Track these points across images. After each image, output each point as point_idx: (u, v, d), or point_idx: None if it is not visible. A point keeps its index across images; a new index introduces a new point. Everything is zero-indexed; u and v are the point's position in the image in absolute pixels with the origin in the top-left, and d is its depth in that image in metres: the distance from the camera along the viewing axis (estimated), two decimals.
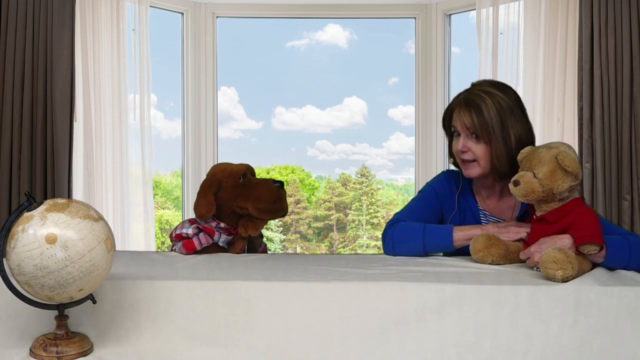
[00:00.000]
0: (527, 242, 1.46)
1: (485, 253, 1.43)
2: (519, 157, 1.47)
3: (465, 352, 1.15)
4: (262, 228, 1.62)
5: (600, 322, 1.16)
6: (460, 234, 1.54)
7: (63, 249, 0.98)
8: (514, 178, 1.41)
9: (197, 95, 3.57)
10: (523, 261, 1.42)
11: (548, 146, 1.41)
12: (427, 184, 1.78)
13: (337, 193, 13.50)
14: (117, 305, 1.19)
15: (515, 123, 1.58)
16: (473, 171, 1.62)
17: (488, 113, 1.55)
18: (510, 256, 1.44)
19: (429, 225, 1.59)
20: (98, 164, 3.01)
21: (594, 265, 1.37)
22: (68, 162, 2.74)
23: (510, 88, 1.64)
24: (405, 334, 1.16)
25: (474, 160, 1.61)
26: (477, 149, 1.59)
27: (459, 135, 1.62)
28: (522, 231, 1.49)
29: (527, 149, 1.46)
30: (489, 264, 1.43)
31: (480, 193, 1.72)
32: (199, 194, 1.58)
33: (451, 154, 1.71)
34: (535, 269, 1.35)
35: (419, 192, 1.78)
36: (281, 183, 1.59)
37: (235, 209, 1.58)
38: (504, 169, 1.57)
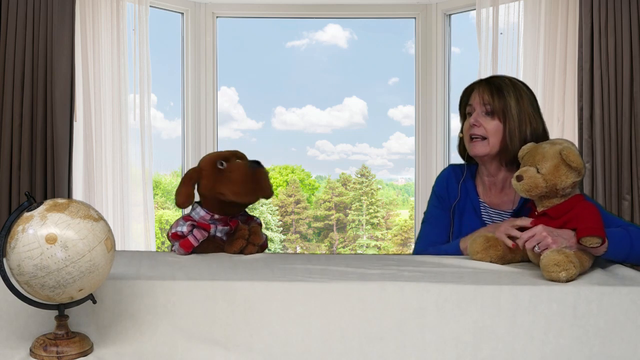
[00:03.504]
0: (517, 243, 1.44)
1: (483, 255, 1.43)
2: (520, 154, 1.47)
3: (465, 352, 1.15)
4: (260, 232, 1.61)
5: (600, 322, 1.16)
6: (465, 244, 1.58)
7: (63, 249, 0.98)
8: (516, 173, 1.40)
9: (197, 95, 3.57)
10: (521, 261, 1.42)
11: (551, 142, 1.41)
12: (432, 188, 1.84)
13: (337, 193, 13.50)
14: (117, 305, 1.18)
15: (534, 114, 1.63)
16: (480, 149, 1.64)
17: (507, 94, 1.62)
18: (509, 257, 1.43)
19: (440, 248, 1.66)
20: (98, 164, 3.01)
21: (595, 259, 1.37)
22: (68, 162, 2.74)
23: (529, 87, 1.70)
24: (405, 334, 1.16)
25: (482, 138, 1.64)
26: (490, 125, 1.62)
27: (470, 115, 1.67)
28: (516, 226, 1.45)
29: (528, 145, 1.46)
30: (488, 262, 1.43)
31: (482, 183, 1.74)
32: (180, 182, 1.59)
33: (460, 140, 1.76)
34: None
35: (428, 201, 1.83)
36: (257, 162, 1.57)
37: (217, 196, 1.57)
38: (516, 148, 1.58)
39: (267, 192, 1.58)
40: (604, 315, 1.16)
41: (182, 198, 1.56)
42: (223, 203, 1.57)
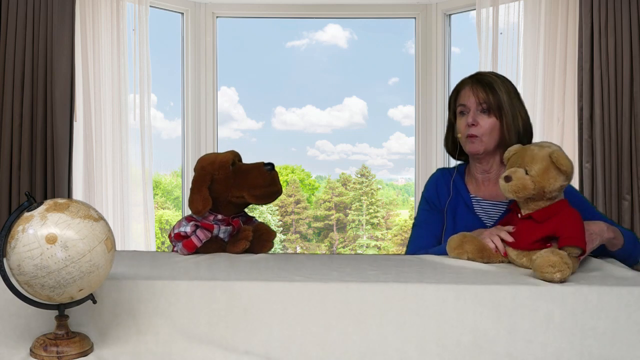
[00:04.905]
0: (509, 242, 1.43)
1: (460, 250, 1.43)
2: (506, 155, 1.47)
3: (464, 352, 1.15)
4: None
5: (600, 322, 1.16)
6: None
7: (63, 249, 0.98)
8: (504, 174, 1.40)
9: (197, 95, 3.57)
10: (501, 262, 1.43)
11: (540, 145, 1.40)
12: (422, 193, 1.86)
13: (337, 193, 13.51)
14: (117, 305, 1.19)
15: (520, 106, 1.69)
16: (478, 146, 1.67)
17: (499, 90, 1.66)
18: (487, 252, 1.43)
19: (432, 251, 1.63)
20: (98, 164, 3.01)
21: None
22: (68, 162, 2.74)
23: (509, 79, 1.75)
24: (404, 334, 1.16)
25: (479, 136, 1.67)
26: (486, 123, 1.66)
27: (463, 114, 1.70)
28: (501, 233, 1.44)
29: (515, 147, 1.46)
30: (466, 260, 1.42)
31: (474, 180, 1.77)
32: (192, 190, 1.56)
33: (449, 138, 1.80)
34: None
35: (418, 206, 1.85)
36: (272, 165, 1.59)
37: (232, 199, 1.57)
38: (513, 142, 1.62)
39: (281, 193, 1.61)
40: (603, 315, 1.16)
41: (201, 204, 1.53)
42: (231, 204, 1.58)
